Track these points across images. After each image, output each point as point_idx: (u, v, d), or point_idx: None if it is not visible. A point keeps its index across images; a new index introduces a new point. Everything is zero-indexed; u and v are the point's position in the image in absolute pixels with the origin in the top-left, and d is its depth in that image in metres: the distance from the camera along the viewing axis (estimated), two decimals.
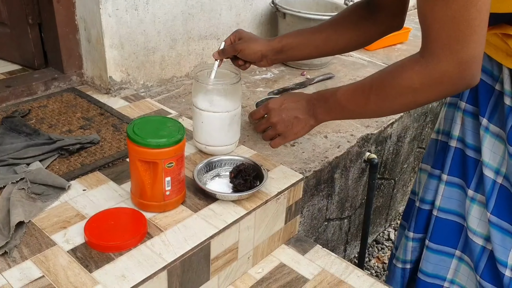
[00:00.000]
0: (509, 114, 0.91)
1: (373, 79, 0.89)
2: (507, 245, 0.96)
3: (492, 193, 0.97)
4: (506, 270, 0.96)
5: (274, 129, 1.03)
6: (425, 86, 0.79)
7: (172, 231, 0.95)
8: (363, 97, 0.89)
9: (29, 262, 0.85)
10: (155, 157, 0.92)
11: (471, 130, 1.01)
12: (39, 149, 1.13)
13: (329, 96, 0.95)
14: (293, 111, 1.00)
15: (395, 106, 0.87)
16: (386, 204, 1.83)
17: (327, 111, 0.96)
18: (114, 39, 1.42)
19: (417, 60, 0.79)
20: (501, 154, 0.95)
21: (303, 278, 1.08)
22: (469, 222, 1.01)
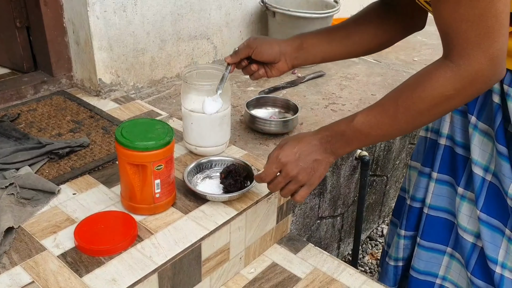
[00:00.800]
0: (497, 111, 0.91)
1: (396, 97, 0.82)
2: (497, 242, 0.97)
3: (481, 191, 0.97)
4: (496, 267, 0.96)
5: (296, 182, 0.91)
6: (460, 90, 0.76)
7: (162, 233, 0.95)
8: (388, 118, 0.82)
9: (18, 268, 0.85)
10: (143, 160, 0.92)
11: (460, 128, 1.01)
12: (28, 153, 1.12)
13: (345, 128, 0.87)
14: (311, 156, 0.90)
15: (428, 119, 0.83)
16: (379, 200, 1.84)
17: (346, 144, 0.88)
18: (103, 41, 1.41)
19: (445, 65, 0.76)
20: (489, 151, 0.96)
21: (295, 277, 1.09)
22: (459, 220, 1.02)
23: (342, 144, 0.88)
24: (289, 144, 0.92)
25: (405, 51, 2.15)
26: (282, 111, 1.48)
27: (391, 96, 0.84)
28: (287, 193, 0.94)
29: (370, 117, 0.84)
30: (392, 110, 0.82)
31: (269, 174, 0.93)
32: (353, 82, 1.80)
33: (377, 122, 0.84)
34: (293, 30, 1.79)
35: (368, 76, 1.86)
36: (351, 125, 0.86)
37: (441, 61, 0.78)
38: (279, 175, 0.92)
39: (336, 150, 0.90)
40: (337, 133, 0.88)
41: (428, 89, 0.77)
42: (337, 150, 0.90)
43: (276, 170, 0.92)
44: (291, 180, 0.91)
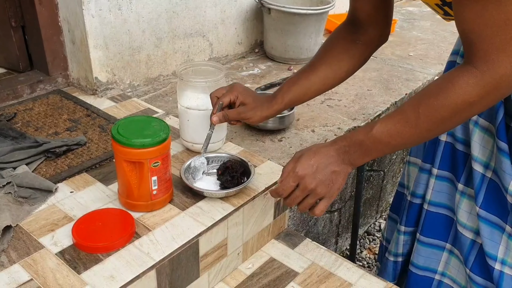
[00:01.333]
0: (499, 107, 0.91)
1: (417, 104, 0.80)
2: (496, 239, 0.97)
3: (481, 187, 0.97)
4: (495, 263, 0.96)
5: (315, 195, 0.89)
6: (483, 96, 0.75)
7: (160, 230, 0.95)
8: (409, 127, 0.80)
9: (17, 266, 0.85)
10: (140, 157, 0.92)
11: (461, 124, 1.01)
12: (25, 152, 1.13)
13: (363, 138, 0.85)
14: (328, 168, 0.88)
15: (450, 126, 0.82)
16: (376, 195, 1.85)
17: (365, 154, 0.86)
18: (98, 40, 1.41)
19: (469, 72, 0.74)
20: (490, 148, 0.96)
21: (293, 271, 1.09)
22: (459, 216, 1.02)
23: (360, 154, 0.86)
24: (305, 156, 0.89)
25: (401, 46, 2.16)
26: None
27: (411, 103, 0.82)
28: (305, 207, 0.91)
29: (390, 126, 0.82)
30: (413, 118, 0.80)
31: (286, 189, 0.90)
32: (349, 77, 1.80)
33: (397, 131, 0.82)
34: (289, 26, 1.80)
35: (364, 72, 1.86)
36: (370, 134, 0.83)
37: (464, 67, 0.76)
38: (297, 189, 0.90)
39: (354, 161, 0.88)
40: (355, 143, 0.86)
41: (451, 97, 0.76)
42: (355, 161, 0.88)
43: (293, 184, 0.89)
44: (310, 194, 0.89)
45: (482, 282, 0.99)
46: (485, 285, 0.99)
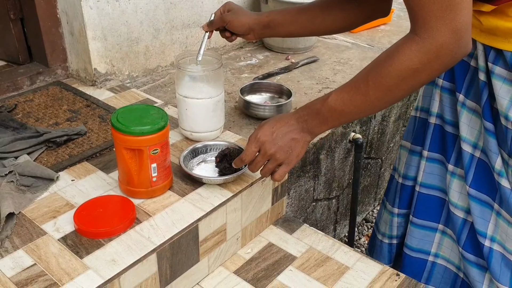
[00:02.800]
0: (483, 89, 0.93)
1: (367, 73, 0.84)
2: (486, 217, 0.99)
3: (470, 167, 0.99)
4: (485, 240, 0.99)
5: (274, 160, 0.94)
6: (426, 63, 0.77)
7: (160, 215, 0.97)
8: (360, 94, 0.84)
9: (20, 251, 0.88)
10: (139, 144, 0.94)
11: (449, 106, 1.03)
12: (26, 142, 1.14)
13: (320, 107, 0.89)
14: (288, 135, 0.93)
15: (398, 94, 0.83)
16: (374, 183, 1.87)
17: (322, 122, 0.90)
18: (97, 31, 1.43)
19: (411, 39, 0.78)
20: (478, 128, 0.98)
21: (291, 256, 1.11)
22: (450, 196, 1.04)
23: (317, 122, 0.91)
24: (267, 124, 0.95)
25: (398, 35, 2.17)
26: (276, 96, 1.50)
27: (362, 73, 0.86)
28: (266, 172, 0.96)
29: (343, 95, 0.86)
30: (363, 86, 0.84)
31: (248, 154, 0.96)
32: (346, 66, 1.82)
33: (350, 99, 0.86)
34: None
35: (361, 61, 1.87)
36: (326, 103, 0.88)
37: (408, 35, 0.80)
38: (258, 155, 0.95)
39: (312, 129, 0.92)
40: (313, 112, 0.91)
41: (396, 64, 0.79)
42: (314, 129, 0.92)
43: (255, 150, 0.95)
44: (270, 159, 0.94)
45: (474, 259, 1.02)
46: (476, 262, 1.01)
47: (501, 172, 0.93)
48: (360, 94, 0.84)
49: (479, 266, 1.02)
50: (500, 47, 0.88)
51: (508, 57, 0.87)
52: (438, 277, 1.13)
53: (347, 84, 0.87)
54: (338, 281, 1.05)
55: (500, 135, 0.93)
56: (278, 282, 1.04)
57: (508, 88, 0.89)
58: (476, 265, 1.02)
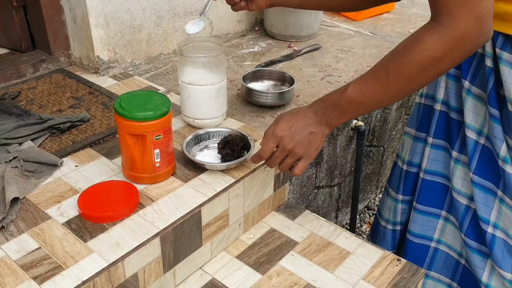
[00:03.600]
0: (489, 75, 0.93)
1: (386, 63, 0.83)
2: (489, 203, 0.99)
3: (474, 154, 0.99)
4: (488, 227, 0.99)
5: (293, 155, 0.94)
6: (448, 52, 0.76)
7: (163, 200, 0.98)
8: (380, 85, 0.83)
9: (25, 235, 0.89)
10: (142, 130, 0.95)
11: (454, 93, 1.03)
12: (30, 128, 1.15)
13: (338, 98, 0.88)
14: (306, 128, 0.91)
15: (419, 83, 0.82)
16: (376, 171, 1.87)
17: (340, 114, 0.89)
18: (99, 18, 1.43)
19: (433, 28, 0.76)
20: (482, 115, 0.98)
21: (292, 241, 1.12)
22: (454, 183, 1.05)
23: (336, 115, 0.89)
24: (284, 119, 0.93)
25: (401, 23, 2.16)
26: (278, 83, 1.50)
27: (381, 63, 0.84)
28: (285, 168, 0.96)
29: (362, 85, 0.85)
30: (384, 76, 0.82)
31: (267, 150, 0.95)
32: (349, 54, 1.82)
33: (369, 90, 0.84)
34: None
35: (364, 48, 1.87)
36: (344, 94, 0.87)
37: (429, 24, 0.78)
38: (276, 150, 0.94)
39: (330, 122, 0.91)
40: (330, 104, 0.89)
41: (417, 53, 0.78)
42: (332, 121, 0.91)
43: (273, 145, 0.94)
44: (288, 154, 0.93)
45: (476, 246, 1.02)
46: (479, 249, 1.02)
47: (506, 158, 0.93)
48: (380, 84, 0.83)
49: (481, 252, 1.02)
50: (509, 32, 0.88)
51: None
52: (440, 263, 1.14)
53: (366, 75, 0.86)
54: (339, 265, 1.06)
55: (506, 122, 0.93)
56: (280, 266, 1.06)
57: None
58: (478, 252, 1.02)
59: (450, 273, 1.14)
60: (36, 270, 0.82)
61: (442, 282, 1.15)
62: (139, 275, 0.90)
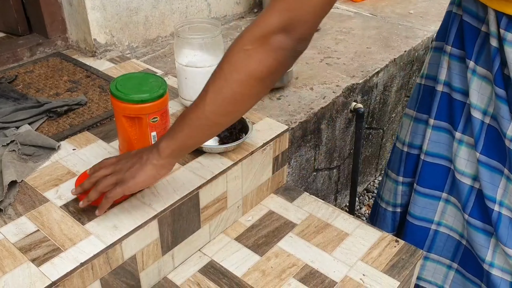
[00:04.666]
0: (495, 55, 0.92)
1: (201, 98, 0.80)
2: (496, 182, 0.99)
3: (480, 134, 0.99)
4: (494, 205, 0.99)
5: (112, 175, 0.85)
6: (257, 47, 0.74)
7: (161, 183, 0.98)
8: (199, 99, 0.80)
9: (24, 218, 0.89)
10: (139, 112, 0.94)
11: (458, 73, 1.02)
12: (27, 112, 1.15)
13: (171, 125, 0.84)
14: (134, 156, 0.86)
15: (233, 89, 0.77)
16: (375, 153, 1.87)
17: (169, 138, 0.83)
18: (96, 1, 1.41)
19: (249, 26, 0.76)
20: (488, 95, 0.97)
21: (291, 223, 1.13)
22: (457, 164, 1.04)
23: (164, 140, 0.83)
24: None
25: (401, 4, 2.14)
26: None
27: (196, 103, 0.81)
28: (101, 188, 0.85)
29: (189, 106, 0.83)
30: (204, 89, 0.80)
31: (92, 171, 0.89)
32: (348, 36, 1.80)
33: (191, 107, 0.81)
34: None
35: (364, 30, 1.85)
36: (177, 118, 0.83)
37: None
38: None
39: (159, 147, 0.83)
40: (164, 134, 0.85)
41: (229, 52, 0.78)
42: (160, 146, 0.83)
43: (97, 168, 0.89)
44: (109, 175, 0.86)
45: (481, 226, 1.02)
46: (483, 228, 1.02)
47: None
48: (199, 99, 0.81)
49: (485, 231, 1.02)
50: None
51: None
52: (440, 245, 1.14)
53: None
54: (338, 247, 1.07)
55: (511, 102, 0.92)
56: (278, 248, 1.06)
57: None
58: (483, 231, 1.02)
59: (450, 254, 1.14)
60: (34, 252, 0.82)
61: (442, 264, 1.15)
62: (138, 257, 0.90)
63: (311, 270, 1.01)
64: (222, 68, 0.78)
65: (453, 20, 0.99)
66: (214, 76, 0.80)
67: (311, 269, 1.01)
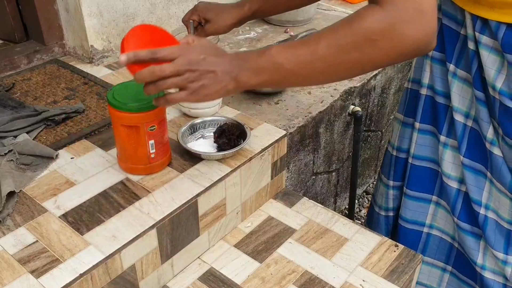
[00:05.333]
0: (473, 58, 0.92)
1: (323, 32, 0.74)
2: (480, 185, 1.00)
3: (463, 137, 0.99)
4: (480, 208, 1.00)
5: (180, 79, 0.77)
6: (386, 37, 0.70)
7: (159, 191, 0.98)
8: (308, 51, 0.73)
9: (22, 229, 0.89)
10: (136, 121, 0.94)
11: (440, 76, 1.02)
12: (25, 121, 1.15)
13: (260, 54, 0.77)
14: (212, 66, 0.77)
15: (347, 64, 0.73)
16: (374, 155, 1.87)
17: (255, 72, 0.77)
18: (92, 7, 1.41)
19: (375, 9, 0.70)
20: (469, 98, 0.97)
21: (290, 229, 1.12)
22: (443, 167, 1.04)
23: (250, 71, 0.77)
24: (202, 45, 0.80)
25: None
26: None
27: (319, 31, 0.77)
28: (161, 86, 0.78)
29: (289, 46, 0.76)
30: (314, 42, 0.74)
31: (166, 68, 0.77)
32: None
33: (293, 53, 0.74)
34: None
35: None
36: (267, 52, 0.77)
37: (370, 5, 0.72)
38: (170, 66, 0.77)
39: (240, 78, 0.78)
40: (250, 58, 0.78)
41: (355, 26, 0.71)
42: (242, 78, 0.78)
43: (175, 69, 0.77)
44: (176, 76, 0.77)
45: (469, 228, 1.03)
46: (471, 231, 1.02)
47: (493, 141, 0.93)
48: (307, 50, 0.74)
49: (474, 234, 1.03)
50: (486, 16, 0.87)
51: (493, 27, 0.86)
52: (433, 248, 1.15)
53: (297, 40, 0.78)
54: (337, 252, 1.07)
55: (490, 104, 0.93)
56: (277, 254, 1.06)
57: (494, 57, 0.88)
58: (472, 234, 1.03)
59: (444, 257, 1.15)
60: (33, 263, 0.82)
61: (436, 267, 1.15)
62: (137, 267, 0.90)
63: (310, 276, 1.01)
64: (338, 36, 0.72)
65: None
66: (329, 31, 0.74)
67: (311, 276, 1.01)
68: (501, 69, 0.88)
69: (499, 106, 0.89)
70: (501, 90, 0.88)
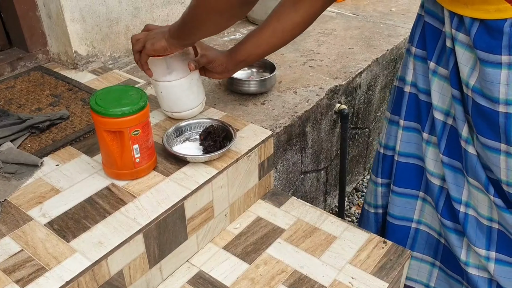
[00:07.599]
0: (449, 56, 0.93)
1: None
2: (460, 183, 1.00)
3: (442, 135, 1.00)
4: (460, 206, 1.00)
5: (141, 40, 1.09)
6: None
7: (145, 196, 0.98)
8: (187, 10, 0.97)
9: (7, 238, 0.88)
10: (119, 126, 0.94)
11: (422, 74, 1.02)
12: (8, 129, 1.14)
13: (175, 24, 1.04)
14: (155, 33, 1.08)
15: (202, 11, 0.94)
16: (363, 152, 1.88)
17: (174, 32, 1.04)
18: (75, 13, 1.40)
19: None
20: (449, 96, 0.98)
21: (279, 229, 1.13)
22: (427, 164, 1.05)
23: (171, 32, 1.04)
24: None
25: (383, 2, 2.15)
26: (260, 70, 1.49)
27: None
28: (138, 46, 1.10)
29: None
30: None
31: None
32: (330, 37, 1.80)
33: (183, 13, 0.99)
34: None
35: (346, 30, 1.86)
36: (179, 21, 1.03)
37: None
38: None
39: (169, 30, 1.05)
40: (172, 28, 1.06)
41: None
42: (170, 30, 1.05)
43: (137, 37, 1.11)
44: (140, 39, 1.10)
45: (452, 226, 1.03)
46: (454, 228, 1.03)
47: (468, 139, 0.93)
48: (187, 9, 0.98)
49: (457, 231, 1.03)
50: (461, 13, 0.87)
51: (467, 24, 0.86)
52: (422, 243, 1.15)
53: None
54: (326, 251, 1.07)
55: (465, 102, 0.93)
56: (267, 255, 1.06)
57: (469, 55, 0.88)
58: (454, 231, 1.03)
59: (432, 252, 1.15)
60: (19, 273, 0.81)
61: (425, 262, 1.16)
62: (125, 272, 0.90)
63: (300, 275, 1.01)
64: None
65: (417, 22, 1.01)
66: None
67: (300, 275, 1.01)
68: (475, 66, 0.88)
69: (472, 104, 0.90)
70: (474, 88, 0.88)
